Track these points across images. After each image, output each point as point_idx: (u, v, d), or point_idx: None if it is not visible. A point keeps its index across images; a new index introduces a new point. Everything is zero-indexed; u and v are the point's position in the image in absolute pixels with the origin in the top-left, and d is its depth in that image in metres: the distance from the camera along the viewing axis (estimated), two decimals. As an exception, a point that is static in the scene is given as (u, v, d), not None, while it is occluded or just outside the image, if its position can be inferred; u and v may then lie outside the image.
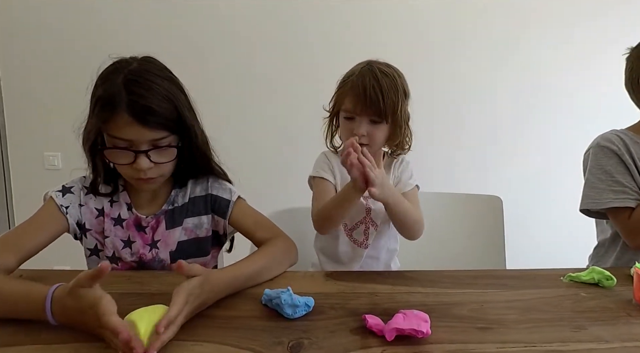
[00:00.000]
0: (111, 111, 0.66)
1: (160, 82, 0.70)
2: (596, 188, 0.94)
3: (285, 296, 0.59)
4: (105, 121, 0.68)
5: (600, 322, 0.60)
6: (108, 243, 0.79)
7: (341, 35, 1.90)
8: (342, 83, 0.87)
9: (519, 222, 1.56)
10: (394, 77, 0.83)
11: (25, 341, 0.52)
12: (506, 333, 0.57)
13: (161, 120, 0.68)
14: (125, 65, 0.70)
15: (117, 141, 0.68)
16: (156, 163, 0.71)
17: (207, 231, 0.84)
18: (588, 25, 1.96)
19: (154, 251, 0.80)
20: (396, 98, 0.82)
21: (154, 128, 0.68)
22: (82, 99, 0.71)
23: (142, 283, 0.70)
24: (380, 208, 0.86)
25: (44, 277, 0.70)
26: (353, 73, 0.85)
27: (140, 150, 0.69)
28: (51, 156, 1.94)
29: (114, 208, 0.80)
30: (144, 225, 0.80)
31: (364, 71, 0.83)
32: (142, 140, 0.68)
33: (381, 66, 0.85)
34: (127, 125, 0.66)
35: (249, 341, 0.53)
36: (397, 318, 0.54)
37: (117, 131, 0.68)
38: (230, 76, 1.89)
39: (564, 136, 2.03)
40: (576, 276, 0.75)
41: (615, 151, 0.93)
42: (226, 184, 0.85)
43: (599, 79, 1.97)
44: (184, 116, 0.72)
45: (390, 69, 0.85)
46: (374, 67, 0.84)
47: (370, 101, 0.81)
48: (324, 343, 0.53)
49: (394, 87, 0.82)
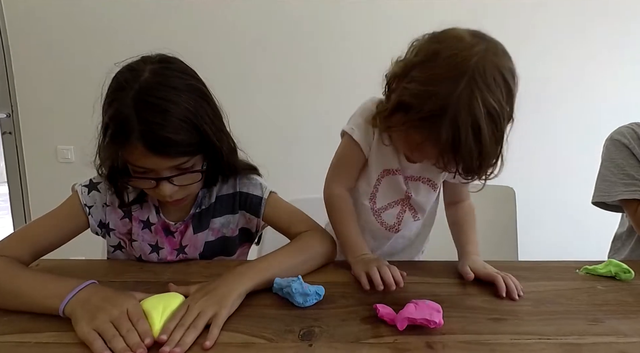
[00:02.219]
0: (124, 141, 0.60)
1: (178, 99, 0.61)
2: (608, 180, 0.95)
3: (296, 285, 0.59)
4: (119, 148, 0.62)
5: (618, 315, 0.59)
6: (136, 246, 0.77)
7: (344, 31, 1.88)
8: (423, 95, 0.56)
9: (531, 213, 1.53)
10: (499, 117, 0.55)
11: (42, 328, 0.53)
12: (520, 324, 0.56)
13: (181, 149, 0.62)
14: (134, 78, 0.61)
15: (136, 167, 0.64)
16: (180, 186, 0.67)
17: (233, 231, 0.80)
18: (603, 15, 1.91)
19: (182, 255, 0.78)
20: (494, 159, 0.58)
21: (173, 157, 0.63)
22: (95, 94, 0.68)
23: (155, 272, 0.71)
24: (425, 201, 0.79)
25: (61, 267, 0.71)
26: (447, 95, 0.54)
27: (162, 177, 0.64)
28: (64, 150, 1.97)
29: (144, 210, 0.76)
30: (172, 230, 0.77)
31: (462, 104, 0.53)
32: (163, 168, 0.63)
33: (487, 96, 0.54)
34: (144, 156, 0.61)
35: (261, 329, 0.53)
36: (409, 308, 0.54)
37: (134, 160, 0.63)
38: (230, 73, 1.88)
39: (577, 127, 1.99)
40: (592, 269, 0.74)
41: (626, 144, 0.94)
42: (256, 178, 0.80)
43: (614, 70, 1.93)
44: (207, 134, 0.64)
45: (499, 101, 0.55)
46: (478, 98, 0.53)
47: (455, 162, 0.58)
48: (335, 331, 0.53)
49: (494, 143, 0.56)
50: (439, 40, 0.58)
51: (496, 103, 0.54)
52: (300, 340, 0.51)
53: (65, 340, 0.50)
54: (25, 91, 1.96)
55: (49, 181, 1.96)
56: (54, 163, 1.99)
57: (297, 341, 0.51)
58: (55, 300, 0.54)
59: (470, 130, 0.54)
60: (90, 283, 0.58)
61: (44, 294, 0.56)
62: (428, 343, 0.51)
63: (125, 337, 0.49)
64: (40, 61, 1.92)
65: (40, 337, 0.51)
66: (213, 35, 1.86)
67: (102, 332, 0.49)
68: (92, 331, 0.49)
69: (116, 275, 0.70)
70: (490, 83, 0.54)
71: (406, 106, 0.57)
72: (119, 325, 0.50)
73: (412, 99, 0.56)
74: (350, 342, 0.51)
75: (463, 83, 0.54)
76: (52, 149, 1.99)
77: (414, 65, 0.58)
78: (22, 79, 1.94)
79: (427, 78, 0.56)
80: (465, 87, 0.53)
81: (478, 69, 0.54)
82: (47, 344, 0.50)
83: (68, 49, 1.90)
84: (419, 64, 0.58)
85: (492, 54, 0.56)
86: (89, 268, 0.73)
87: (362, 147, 0.74)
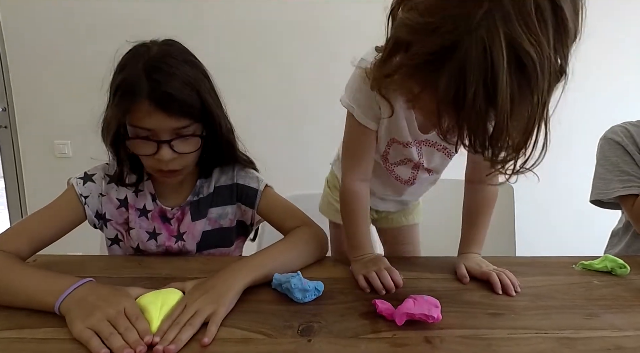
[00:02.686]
0: (132, 100, 0.64)
1: (183, 68, 0.67)
2: (604, 179, 0.96)
3: (295, 281, 0.59)
4: (125, 110, 0.65)
5: (613, 309, 0.60)
6: (133, 234, 0.77)
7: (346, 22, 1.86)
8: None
9: (530, 210, 1.54)
10: (536, 66, 0.37)
11: (39, 324, 0.52)
12: (517, 319, 0.57)
13: (184, 107, 0.65)
14: (145, 50, 0.67)
15: (139, 130, 0.66)
16: (179, 153, 0.68)
17: (231, 222, 0.82)
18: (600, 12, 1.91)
19: (180, 243, 0.79)
20: (517, 132, 0.42)
21: (176, 116, 0.65)
22: (92, 88, 0.69)
23: (154, 267, 0.71)
24: (438, 166, 0.75)
25: (58, 262, 0.71)
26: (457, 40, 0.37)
27: (163, 140, 0.66)
28: (61, 144, 1.96)
29: (139, 198, 0.77)
30: (169, 216, 0.78)
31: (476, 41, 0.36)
32: (165, 129, 0.66)
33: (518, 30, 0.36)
34: (149, 114, 0.64)
35: (260, 324, 0.53)
36: (407, 303, 0.54)
37: (138, 120, 0.65)
38: (229, 68, 1.87)
39: (577, 124, 1.99)
40: (589, 264, 0.74)
41: (619, 142, 0.95)
42: (253, 172, 0.82)
43: (615, 68, 1.93)
44: (208, 103, 0.68)
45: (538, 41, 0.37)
46: (501, 32, 0.36)
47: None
48: (334, 327, 0.54)
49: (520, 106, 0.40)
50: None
51: (532, 46, 0.35)
52: (299, 335, 0.51)
53: (63, 336, 0.50)
54: (21, 84, 1.94)
55: (45, 175, 1.95)
56: (51, 157, 1.98)
57: (296, 336, 0.51)
58: (51, 298, 0.54)
59: (481, 82, 0.37)
60: (87, 281, 0.57)
61: (40, 291, 0.55)
62: (426, 338, 0.51)
63: (124, 335, 0.48)
64: (36, 55, 1.90)
65: (37, 333, 0.51)
66: (212, 33, 1.85)
67: (98, 330, 0.49)
68: (87, 329, 0.49)
69: (114, 270, 0.70)
70: (529, 12, 0.35)
71: (403, 45, 0.42)
72: (116, 324, 0.50)
73: (410, 34, 0.41)
74: (349, 337, 0.51)
75: (482, 11, 0.35)
76: (49, 143, 1.97)
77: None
78: (19, 73, 1.93)
79: (432, 4, 0.39)
80: (485, 16, 0.35)
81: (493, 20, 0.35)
82: (44, 340, 0.50)
83: (65, 43, 1.88)
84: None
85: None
86: (86, 263, 0.73)
87: (369, 126, 0.66)
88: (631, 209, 0.91)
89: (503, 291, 0.63)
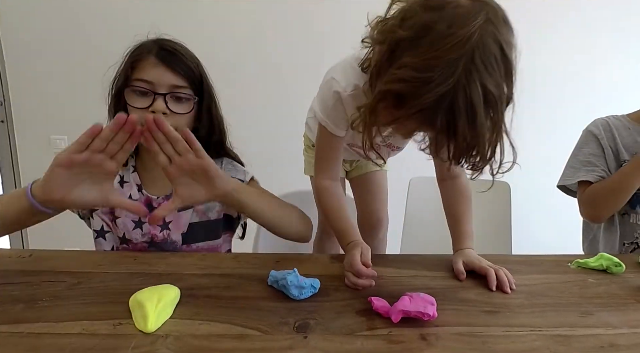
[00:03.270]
0: (140, 55, 0.73)
1: (189, 51, 0.77)
2: (573, 167, 1.02)
3: (292, 278, 0.59)
4: (132, 64, 0.72)
5: (608, 308, 0.60)
6: (119, 223, 0.79)
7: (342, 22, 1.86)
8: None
9: (526, 208, 1.55)
10: (497, 101, 0.50)
11: (35, 318, 0.52)
12: (512, 317, 0.57)
13: (185, 68, 0.73)
14: (157, 37, 0.77)
15: (140, 83, 0.72)
16: (172, 112, 0.72)
17: (218, 214, 0.84)
18: (594, 10, 1.91)
19: (165, 232, 0.80)
20: (490, 145, 0.53)
21: (176, 72, 0.72)
22: (89, 83, 0.71)
23: (150, 263, 0.71)
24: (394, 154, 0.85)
25: (53, 257, 0.71)
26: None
27: (159, 92, 0.71)
28: (58, 140, 1.95)
29: (125, 188, 0.80)
30: (154, 205, 0.80)
31: (460, 89, 0.47)
32: (163, 82, 0.71)
33: (486, 79, 0.48)
34: (153, 66, 0.71)
35: (256, 321, 0.53)
36: (403, 301, 0.54)
37: (141, 72, 0.72)
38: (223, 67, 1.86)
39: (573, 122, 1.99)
40: (584, 262, 0.75)
41: (596, 135, 1.00)
42: (239, 166, 0.86)
43: (612, 65, 1.93)
44: (206, 80, 0.77)
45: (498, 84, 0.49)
46: (477, 82, 0.48)
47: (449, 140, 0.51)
48: (330, 324, 0.54)
49: (490, 128, 0.51)
50: (433, 8, 0.48)
51: (494, 86, 0.48)
52: (295, 332, 0.52)
53: (59, 330, 0.50)
54: (18, 79, 1.92)
55: (42, 170, 1.90)
56: (48, 152, 1.96)
57: (292, 333, 0.51)
58: (21, 193, 0.61)
59: (465, 116, 0.48)
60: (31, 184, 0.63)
61: (11, 199, 0.62)
62: (422, 335, 0.51)
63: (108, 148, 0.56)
64: (33, 49, 1.88)
65: (33, 327, 0.51)
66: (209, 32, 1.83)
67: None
68: None
69: (110, 266, 0.70)
70: (491, 63, 0.48)
71: (398, 96, 0.50)
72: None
73: (406, 88, 0.49)
74: (345, 334, 0.52)
75: (461, 66, 0.47)
76: (45, 138, 1.96)
77: (403, 41, 0.49)
78: (15, 68, 1.91)
79: (423, 64, 0.47)
80: (464, 70, 0.47)
81: (478, 48, 0.47)
82: (40, 335, 0.50)
83: (62, 38, 1.87)
84: (409, 42, 0.49)
85: (493, 26, 0.48)
86: (82, 258, 0.72)
87: (340, 135, 0.73)
88: (582, 194, 0.97)
89: (498, 288, 0.64)
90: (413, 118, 0.51)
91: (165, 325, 0.52)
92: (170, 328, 0.51)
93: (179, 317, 0.54)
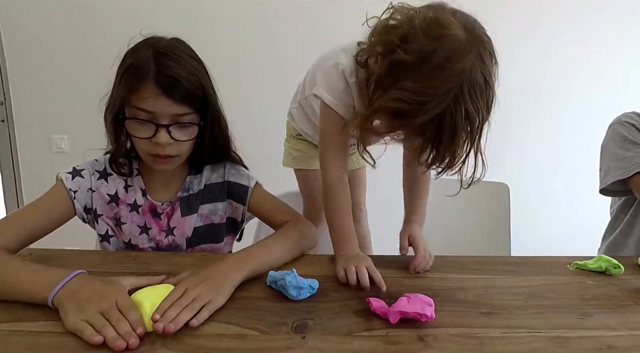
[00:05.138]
0: (138, 81, 0.66)
1: (189, 60, 0.70)
2: (625, 157, 0.93)
3: (290, 278, 0.59)
4: (131, 90, 0.67)
5: (606, 309, 0.60)
6: (125, 229, 0.78)
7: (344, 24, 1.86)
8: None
9: (525, 210, 1.55)
10: (474, 122, 0.59)
11: (35, 317, 0.53)
12: (511, 318, 0.57)
13: (187, 95, 0.68)
14: (155, 41, 0.70)
15: (140, 112, 0.67)
16: (176, 140, 0.69)
17: (221, 218, 0.83)
18: (596, 15, 1.91)
19: (170, 237, 0.80)
20: (463, 157, 0.63)
21: (178, 102, 0.67)
22: (89, 83, 0.70)
23: (149, 263, 0.71)
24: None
25: (54, 257, 0.71)
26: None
27: (162, 124, 0.68)
28: (58, 139, 1.95)
29: (130, 193, 0.78)
30: (159, 211, 0.79)
31: (448, 111, 0.57)
32: (165, 113, 0.67)
33: (470, 105, 0.57)
34: (153, 96, 0.66)
35: (254, 321, 0.54)
36: (401, 302, 0.54)
37: (141, 102, 0.67)
38: (226, 66, 1.86)
39: (572, 125, 2.00)
40: (583, 264, 0.75)
41: (635, 125, 0.96)
42: (243, 170, 0.84)
43: (608, 68, 1.93)
44: (209, 95, 0.71)
45: (479, 108, 0.59)
46: (462, 106, 0.57)
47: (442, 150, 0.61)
48: (328, 324, 0.54)
49: (467, 143, 0.61)
50: (434, 37, 0.57)
51: (475, 111, 0.58)
52: (293, 332, 0.52)
53: (59, 329, 0.50)
54: (18, 78, 1.93)
55: (42, 170, 1.94)
56: (48, 152, 1.97)
57: (291, 333, 0.51)
58: (44, 291, 0.53)
59: (448, 132, 0.58)
60: (79, 273, 0.57)
61: (32, 284, 0.55)
62: (420, 336, 0.51)
63: (116, 327, 0.48)
64: (34, 49, 1.89)
65: (33, 325, 0.51)
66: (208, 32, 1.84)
67: (92, 322, 0.49)
68: (81, 321, 0.49)
69: (109, 265, 0.70)
70: (475, 92, 0.57)
71: (396, 112, 0.60)
72: (109, 316, 0.50)
73: (405, 107, 0.58)
74: (343, 334, 0.52)
75: (452, 94, 0.57)
76: (45, 138, 1.97)
77: (404, 64, 0.58)
78: (16, 67, 1.91)
79: (421, 90, 0.57)
80: (453, 98, 0.57)
81: (469, 80, 0.56)
82: (40, 333, 0.50)
83: (63, 37, 1.87)
84: (410, 66, 0.57)
85: (481, 61, 0.57)
86: (82, 258, 0.73)
87: (342, 114, 0.75)
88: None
89: (415, 270, 0.70)
90: (406, 129, 0.62)
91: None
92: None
93: (177, 316, 0.54)
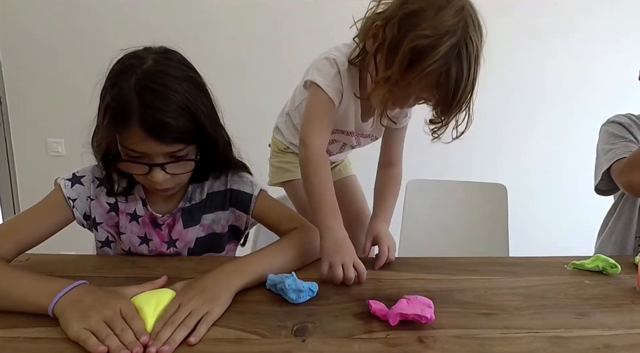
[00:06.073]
0: (122, 124, 0.61)
1: (178, 88, 0.63)
2: (610, 150, 0.96)
3: (290, 281, 0.59)
4: (116, 131, 0.63)
5: (604, 309, 0.61)
6: (124, 239, 0.77)
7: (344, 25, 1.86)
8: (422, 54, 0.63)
9: (523, 210, 1.56)
10: (477, 60, 0.66)
11: (33, 323, 0.52)
12: (509, 319, 0.57)
13: (177, 135, 0.63)
14: (138, 64, 0.63)
15: (131, 152, 0.64)
16: (172, 174, 0.67)
17: (223, 227, 0.80)
18: (594, 16, 1.93)
19: (172, 249, 0.78)
20: (466, 101, 0.68)
21: (169, 143, 0.63)
22: (86, 86, 0.67)
23: (148, 267, 0.71)
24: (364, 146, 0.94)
25: (51, 262, 0.70)
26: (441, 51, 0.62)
27: (155, 163, 0.65)
28: (54, 143, 1.94)
29: (130, 203, 0.76)
30: (159, 222, 0.77)
31: (453, 58, 0.63)
32: (157, 153, 0.64)
33: (475, 39, 0.64)
34: (141, 139, 0.62)
35: (254, 324, 0.54)
36: (401, 304, 0.54)
37: (130, 144, 0.63)
38: (226, 69, 1.86)
39: (570, 125, 2.01)
40: (580, 264, 0.75)
41: (623, 123, 0.99)
42: (247, 176, 0.81)
43: (607, 68, 1.95)
44: (204, 125, 0.66)
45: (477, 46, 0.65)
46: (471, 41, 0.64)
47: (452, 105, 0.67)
48: (328, 327, 0.54)
49: (470, 83, 0.66)
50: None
51: (477, 48, 0.65)
52: (293, 335, 0.52)
53: (56, 335, 0.50)
54: (14, 81, 1.92)
55: (38, 174, 1.93)
56: (44, 156, 1.96)
57: (290, 337, 0.51)
58: (44, 300, 0.53)
59: (467, 62, 0.64)
60: (81, 283, 0.56)
61: (32, 293, 0.54)
62: (419, 338, 0.52)
63: (120, 336, 0.48)
64: (30, 52, 1.88)
65: (30, 332, 0.51)
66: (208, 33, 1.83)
67: (95, 331, 0.48)
68: (84, 330, 0.48)
69: (108, 270, 0.70)
70: (477, 26, 0.65)
71: (421, 51, 0.63)
72: (113, 325, 0.49)
73: (429, 41, 0.62)
74: (343, 337, 0.52)
75: (461, 25, 0.63)
76: (41, 142, 1.96)
77: (414, 12, 0.64)
78: (11, 70, 1.91)
79: (437, 24, 0.63)
80: (463, 28, 0.63)
81: (470, 15, 0.64)
82: (38, 339, 0.49)
83: (59, 40, 1.87)
84: (419, 13, 0.64)
85: (469, 2, 0.67)
86: (80, 263, 0.72)
87: (335, 104, 0.79)
88: (616, 168, 0.93)
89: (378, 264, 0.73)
90: (427, 76, 0.64)
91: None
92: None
93: (177, 321, 0.53)
